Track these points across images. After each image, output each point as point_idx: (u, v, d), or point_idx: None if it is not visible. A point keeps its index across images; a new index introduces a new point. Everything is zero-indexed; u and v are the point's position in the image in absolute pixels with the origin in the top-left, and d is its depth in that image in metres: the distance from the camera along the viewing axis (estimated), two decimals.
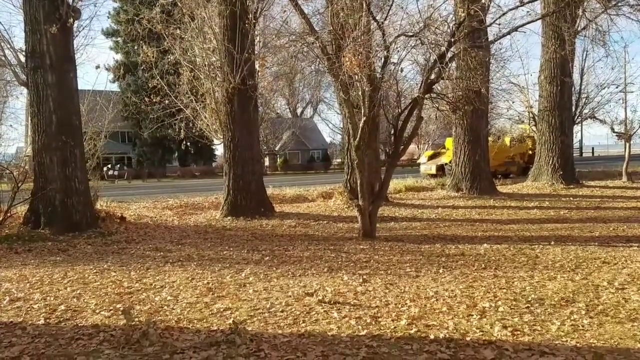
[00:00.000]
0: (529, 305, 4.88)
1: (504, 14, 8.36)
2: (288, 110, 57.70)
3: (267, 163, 50.89)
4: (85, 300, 5.33)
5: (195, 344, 3.98)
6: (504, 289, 5.49)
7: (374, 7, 8.62)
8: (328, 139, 62.20)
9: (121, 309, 4.82)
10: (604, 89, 20.35)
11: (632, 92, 25.66)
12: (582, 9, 13.68)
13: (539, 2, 15.19)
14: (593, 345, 3.86)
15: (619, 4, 11.45)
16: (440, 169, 24.17)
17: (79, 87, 10.48)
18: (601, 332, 4.15)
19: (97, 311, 4.94)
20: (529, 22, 8.47)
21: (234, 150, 12.31)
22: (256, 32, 12.58)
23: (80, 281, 6.22)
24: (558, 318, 4.46)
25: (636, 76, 56.38)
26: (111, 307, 5.05)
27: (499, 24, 8.48)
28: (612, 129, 20.57)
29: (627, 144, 20.36)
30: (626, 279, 5.82)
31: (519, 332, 4.12)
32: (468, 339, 3.99)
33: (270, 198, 13.64)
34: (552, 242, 8.27)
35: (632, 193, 15.48)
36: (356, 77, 8.27)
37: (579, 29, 15.08)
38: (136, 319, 4.46)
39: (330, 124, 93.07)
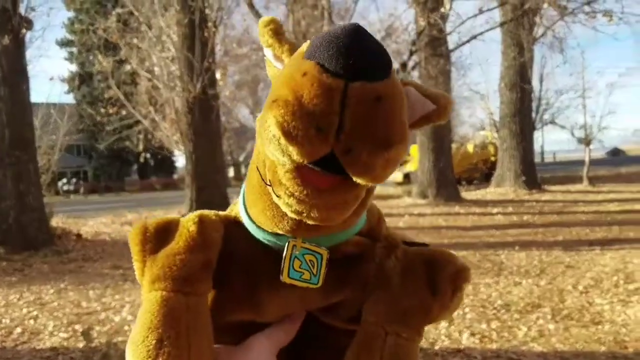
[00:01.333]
0: (496, 311, 4.90)
1: (463, 22, 8.52)
2: (252, 119, 57.45)
3: (231, 174, 50.48)
4: (42, 322, 5.13)
5: None
6: (470, 295, 5.49)
7: (335, 16, 8.64)
8: None
9: (80, 330, 4.65)
10: (563, 94, 20.87)
11: (590, 97, 26.42)
12: (539, 16, 14.02)
13: (497, 11, 15.49)
14: (559, 349, 3.92)
15: (575, 11, 11.78)
16: (406, 176, 24.35)
17: (32, 100, 10.16)
18: (567, 336, 4.21)
19: (55, 333, 4.76)
20: (488, 30, 8.64)
21: (195, 162, 12.11)
22: (216, 41, 12.44)
23: (37, 302, 5.98)
24: (525, 323, 4.49)
25: (594, 82, 58.21)
26: (69, 329, 4.87)
27: (459, 33, 8.60)
28: (572, 134, 21.08)
29: (587, 149, 20.87)
30: (590, 283, 5.91)
31: (487, 339, 4.13)
32: (437, 347, 3.97)
33: None
34: (517, 248, 8.36)
35: (594, 197, 15.84)
36: None
37: (537, 36, 15.44)
38: (96, 341, 4.31)
39: None
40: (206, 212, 0.71)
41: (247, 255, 0.67)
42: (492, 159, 24.65)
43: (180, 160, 46.45)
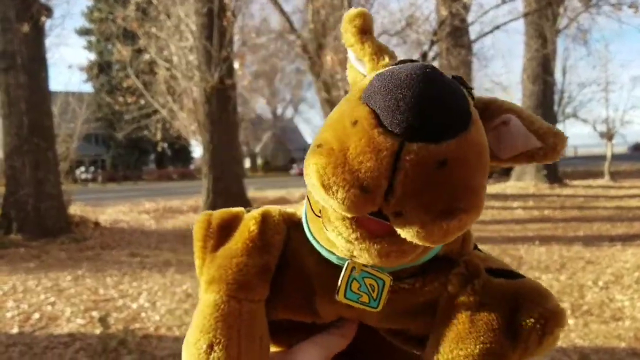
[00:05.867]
0: None
1: (485, 13, 8.40)
2: (268, 110, 57.59)
3: (247, 164, 50.67)
4: (60, 308, 5.17)
5: (175, 351, 3.88)
6: None
7: (356, 5, 8.55)
8: (309, 140, 62.17)
9: (97, 316, 4.68)
10: (585, 87, 20.57)
11: (613, 91, 26.13)
12: (563, 7, 13.81)
13: (521, 1, 15.31)
14: (578, 345, 3.90)
15: (600, 3, 11.57)
16: None
17: (51, 88, 10.25)
18: (586, 331, 4.18)
19: (73, 319, 4.78)
20: (510, 21, 8.51)
21: (213, 152, 12.12)
22: (235, 30, 12.42)
23: (55, 288, 6.02)
24: None
25: (617, 75, 57.42)
26: (87, 315, 4.90)
27: (481, 23, 8.48)
28: (594, 128, 20.82)
29: (609, 143, 20.59)
30: (610, 279, 5.84)
31: None
32: None
33: (251, 200, 13.48)
34: (537, 242, 8.27)
35: (615, 192, 15.65)
36: (338, 76, 8.19)
37: (560, 27, 15.20)
38: (113, 327, 4.33)
39: (311, 125, 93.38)
40: (271, 209, 0.66)
41: (307, 262, 0.62)
42: None
43: (197, 150, 46.71)
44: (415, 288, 0.59)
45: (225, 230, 0.64)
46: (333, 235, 0.52)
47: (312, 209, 0.57)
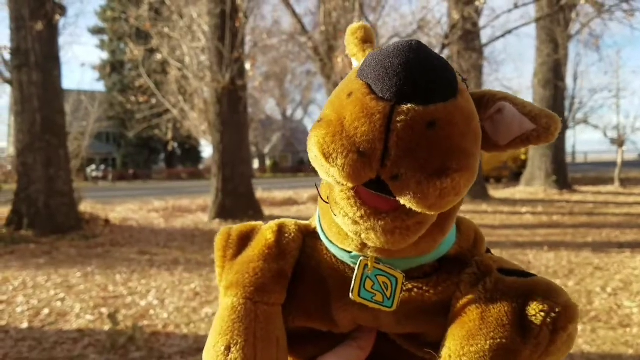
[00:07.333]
0: None
1: (497, 17, 8.36)
2: (278, 111, 57.63)
3: (256, 165, 50.70)
4: (69, 304, 5.20)
5: (183, 349, 3.89)
6: None
7: (367, 8, 8.58)
8: None
9: (106, 313, 4.71)
10: (596, 94, 20.44)
11: (624, 97, 26.01)
12: (575, 12, 13.75)
13: (533, 6, 15.24)
14: (586, 351, 3.87)
15: (612, 9, 11.50)
16: None
17: (64, 86, 10.30)
18: (594, 338, 4.15)
19: (82, 315, 4.82)
20: (522, 25, 8.50)
21: (222, 152, 12.16)
22: (246, 32, 12.46)
23: (64, 284, 6.06)
24: None
25: (629, 81, 57.00)
26: (96, 311, 4.93)
27: (493, 27, 8.47)
28: (605, 134, 20.69)
29: (620, 150, 20.46)
30: (619, 285, 5.80)
31: None
32: None
33: (259, 201, 13.50)
34: (545, 248, 8.23)
35: (625, 199, 15.54)
36: None
37: (572, 32, 15.12)
38: (122, 324, 4.36)
39: None
40: (287, 221, 0.69)
41: (322, 268, 0.64)
42: (523, 157, 24.32)
43: (207, 150, 46.86)
44: (429, 288, 0.60)
45: (243, 241, 0.67)
46: (341, 220, 0.55)
47: (321, 199, 0.59)
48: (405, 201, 0.49)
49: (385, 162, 0.48)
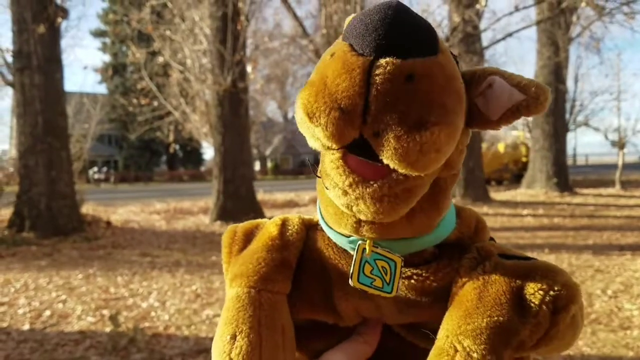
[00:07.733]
0: None
1: (498, 20, 8.37)
2: (279, 114, 57.66)
3: (257, 167, 50.70)
4: (70, 306, 5.22)
5: (184, 351, 3.90)
6: None
7: None
8: None
9: (108, 315, 4.72)
10: (597, 96, 20.44)
11: (625, 100, 26.00)
12: (576, 15, 13.75)
13: (533, 9, 15.26)
14: (586, 353, 3.87)
15: (613, 12, 11.51)
16: None
17: (66, 89, 10.33)
18: (594, 340, 4.15)
19: (83, 317, 4.83)
20: (523, 28, 8.49)
21: (224, 154, 12.18)
22: (248, 34, 12.49)
23: (66, 286, 6.08)
24: None
25: (630, 84, 57.12)
26: (97, 313, 4.94)
27: (494, 30, 8.49)
28: (606, 137, 20.68)
29: (621, 152, 20.45)
30: (619, 288, 5.79)
31: None
32: None
33: (260, 203, 13.52)
34: (546, 250, 8.24)
35: (625, 201, 15.53)
36: None
37: (573, 35, 15.13)
38: (123, 325, 4.37)
39: None
40: (290, 216, 0.71)
41: (324, 259, 0.65)
42: (524, 159, 24.30)
43: (208, 152, 46.92)
44: (429, 275, 0.60)
45: (248, 237, 0.69)
46: (332, 193, 0.55)
47: (314, 173, 0.60)
48: (387, 159, 0.49)
49: (367, 119, 0.49)
